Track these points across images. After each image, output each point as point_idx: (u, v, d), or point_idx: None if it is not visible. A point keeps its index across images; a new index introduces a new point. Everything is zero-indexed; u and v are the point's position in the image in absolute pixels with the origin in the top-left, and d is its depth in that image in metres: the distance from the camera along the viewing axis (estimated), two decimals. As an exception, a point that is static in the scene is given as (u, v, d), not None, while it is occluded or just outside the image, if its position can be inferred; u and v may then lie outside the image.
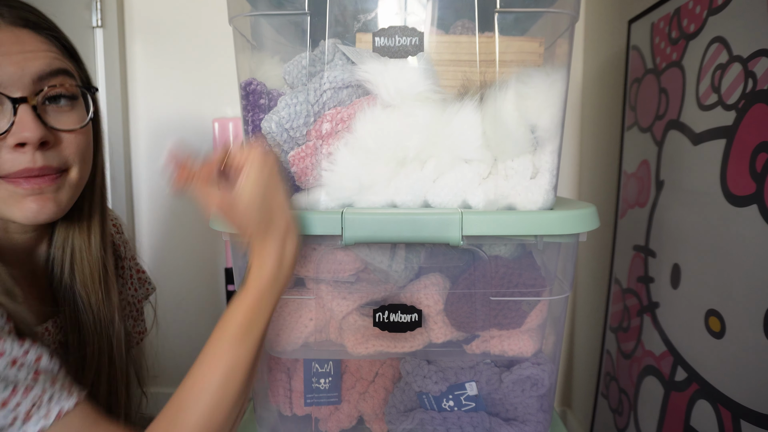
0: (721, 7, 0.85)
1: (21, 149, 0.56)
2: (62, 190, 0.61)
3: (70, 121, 0.61)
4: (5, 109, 0.56)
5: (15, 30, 0.57)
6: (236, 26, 0.67)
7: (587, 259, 1.56)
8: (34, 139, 0.56)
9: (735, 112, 0.80)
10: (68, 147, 0.61)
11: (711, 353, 0.85)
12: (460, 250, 0.66)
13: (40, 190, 0.58)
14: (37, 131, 0.56)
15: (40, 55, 0.58)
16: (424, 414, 0.70)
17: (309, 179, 0.65)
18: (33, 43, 0.58)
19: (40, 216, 0.59)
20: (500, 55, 0.63)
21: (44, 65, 0.58)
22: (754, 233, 0.75)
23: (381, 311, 0.67)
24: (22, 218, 0.58)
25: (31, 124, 0.56)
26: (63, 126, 0.60)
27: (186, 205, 1.72)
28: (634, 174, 1.20)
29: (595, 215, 0.63)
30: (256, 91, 0.65)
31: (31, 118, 0.56)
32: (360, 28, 0.65)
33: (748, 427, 0.75)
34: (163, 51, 1.65)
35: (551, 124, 0.63)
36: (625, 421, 1.20)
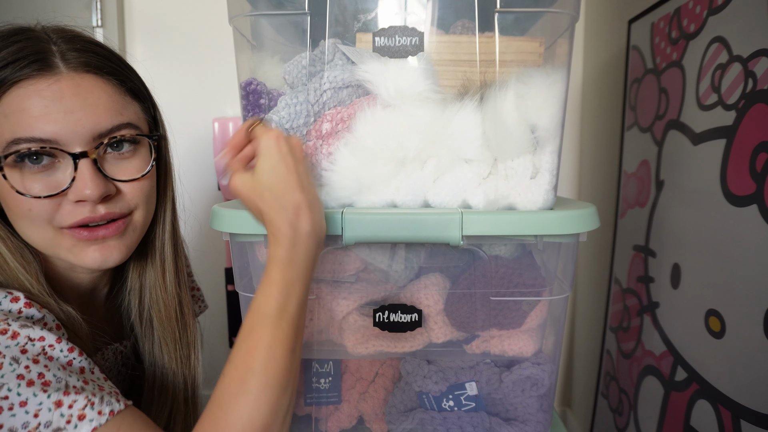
0: (721, 7, 0.85)
1: (81, 204, 0.56)
2: (126, 235, 0.61)
3: (132, 168, 0.60)
4: (65, 163, 0.56)
5: (76, 77, 0.56)
6: (236, 26, 0.67)
7: (587, 259, 1.56)
8: (95, 197, 0.56)
9: (735, 112, 0.80)
10: (131, 193, 0.60)
11: (711, 353, 0.85)
12: (460, 250, 0.66)
13: (103, 240, 0.58)
14: (98, 189, 0.56)
15: (101, 108, 0.57)
16: (424, 414, 0.70)
17: (309, 179, 0.65)
18: (94, 92, 0.56)
19: (106, 263, 0.59)
20: (500, 55, 0.63)
21: (105, 121, 0.57)
22: (754, 233, 0.75)
23: (381, 311, 0.67)
24: (89, 265, 0.59)
25: (92, 182, 0.55)
26: (125, 176, 0.59)
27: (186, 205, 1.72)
28: (634, 174, 1.20)
29: (595, 215, 0.63)
30: (256, 91, 0.65)
31: (91, 174, 0.55)
32: (360, 28, 0.65)
33: (748, 427, 0.75)
34: (163, 51, 1.65)
35: (551, 124, 0.63)
36: (625, 421, 1.20)
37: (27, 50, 0.55)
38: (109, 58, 0.60)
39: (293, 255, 0.55)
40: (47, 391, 0.47)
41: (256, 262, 0.69)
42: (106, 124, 0.57)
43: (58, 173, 0.56)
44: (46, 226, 0.56)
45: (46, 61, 0.55)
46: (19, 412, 0.45)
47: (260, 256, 0.69)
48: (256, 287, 0.55)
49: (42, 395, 0.46)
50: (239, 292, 0.69)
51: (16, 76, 0.53)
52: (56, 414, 0.46)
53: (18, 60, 0.54)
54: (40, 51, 0.55)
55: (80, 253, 0.58)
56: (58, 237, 0.57)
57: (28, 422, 0.45)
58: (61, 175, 0.56)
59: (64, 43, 0.57)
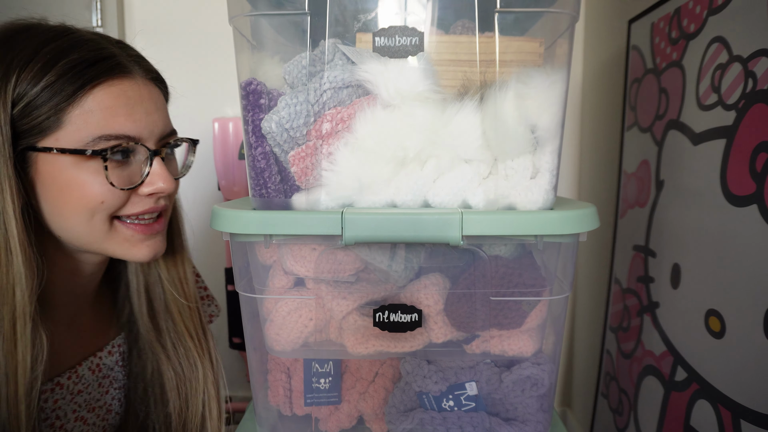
0: (721, 7, 0.85)
1: (152, 196, 0.62)
2: (165, 229, 0.68)
3: (175, 168, 0.69)
4: (138, 159, 0.61)
5: (148, 84, 0.63)
6: (236, 26, 0.67)
7: (587, 259, 1.56)
8: (170, 190, 0.63)
9: (735, 112, 0.80)
10: (174, 191, 0.68)
11: (711, 353, 0.85)
12: (460, 250, 0.66)
13: (154, 235, 0.64)
14: (171, 182, 0.63)
15: (165, 113, 0.65)
16: (424, 414, 0.70)
17: (309, 179, 0.65)
18: (159, 98, 0.64)
19: (156, 256, 0.65)
20: (500, 55, 0.63)
21: (168, 125, 0.65)
22: (754, 233, 0.75)
23: (381, 311, 0.67)
24: (140, 259, 0.64)
25: (167, 176, 0.62)
26: (175, 175, 0.67)
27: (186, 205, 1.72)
28: (634, 174, 1.20)
29: (595, 215, 0.63)
30: (256, 91, 0.65)
31: (164, 170, 0.62)
32: (360, 28, 0.65)
33: (748, 427, 0.75)
34: (163, 51, 1.65)
35: (551, 124, 0.63)
36: (625, 421, 1.20)
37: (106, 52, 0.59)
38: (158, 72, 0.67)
39: None
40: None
41: (256, 262, 0.69)
42: (168, 128, 0.65)
43: (132, 168, 0.61)
44: (107, 219, 0.60)
45: (126, 66, 0.60)
46: None
47: (260, 256, 0.69)
48: (256, 287, 0.56)
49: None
50: (239, 292, 0.69)
51: (103, 77, 0.58)
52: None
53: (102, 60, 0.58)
54: (116, 55, 0.60)
55: (132, 247, 0.63)
56: (114, 230, 0.61)
57: None
58: (134, 170, 0.61)
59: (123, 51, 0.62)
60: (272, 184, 0.66)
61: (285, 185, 0.67)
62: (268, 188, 0.66)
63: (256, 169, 0.65)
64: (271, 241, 0.65)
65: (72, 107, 0.56)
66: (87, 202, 0.58)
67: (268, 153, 0.66)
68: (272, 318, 0.69)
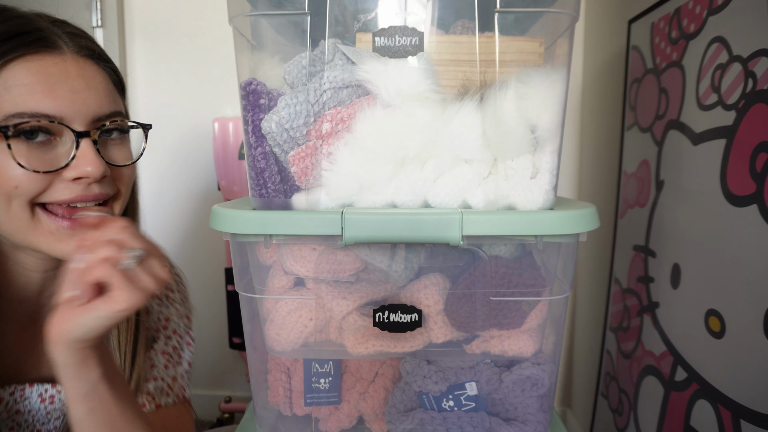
0: (721, 7, 0.85)
1: (78, 182, 0.56)
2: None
3: (123, 155, 0.62)
4: (64, 141, 0.56)
5: (80, 60, 0.57)
6: (236, 26, 0.67)
7: (587, 259, 1.56)
8: (97, 174, 0.56)
9: (735, 112, 0.80)
10: (119, 178, 0.62)
11: (711, 353, 0.85)
12: (460, 250, 0.66)
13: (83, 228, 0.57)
14: (100, 167, 0.56)
15: (102, 93, 0.58)
16: (424, 414, 0.70)
17: (309, 179, 0.65)
18: (96, 77, 0.58)
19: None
20: (500, 55, 0.63)
21: (105, 106, 0.58)
22: (754, 233, 0.75)
23: (381, 311, 0.67)
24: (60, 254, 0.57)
25: (95, 160, 0.56)
26: (118, 161, 0.61)
27: (186, 205, 1.72)
28: (634, 174, 1.20)
29: (595, 215, 0.63)
30: (256, 91, 0.65)
31: (93, 153, 0.56)
32: (360, 28, 0.65)
33: (748, 427, 0.75)
34: (163, 51, 1.65)
35: (551, 124, 0.63)
36: (625, 421, 1.20)
37: (29, 26, 0.55)
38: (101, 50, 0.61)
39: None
40: None
41: (256, 262, 0.69)
42: (105, 109, 0.58)
43: (56, 150, 0.56)
44: (26, 206, 0.55)
45: (51, 40, 0.55)
46: None
47: (260, 256, 0.69)
48: (256, 287, 0.55)
49: None
50: (239, 292, 0.69)
51: (20, 51, 0.53)
52: None
53: (22, 35, 0.54)
54: (41, 29, 0.55)
55: (58, 242, 0.57)
56: (37, 221, 0.56)
57: None
58: (59, 152, 0.56)
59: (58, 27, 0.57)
60: (272, 184, 0.66)
61: (285, 185, 0.67)
62: (268, 188, 0.66)
63: (256, 169, 0.65)
64: (271, 241, 0.65)
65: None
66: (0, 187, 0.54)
67: (268, 153, 0.66)
68: (272, 318, 0.69)
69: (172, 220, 1.73)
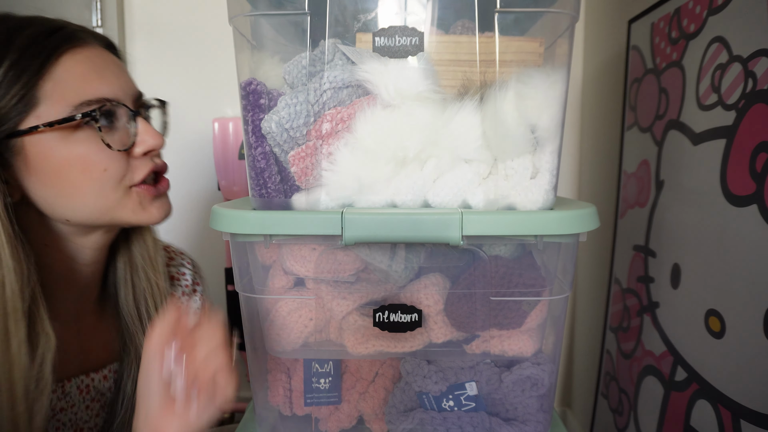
0: (721, 7, 0.85)
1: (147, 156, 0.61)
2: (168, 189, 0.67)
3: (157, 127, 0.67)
4: (122, 122, 0.60)
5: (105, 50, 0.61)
6: (236, 26, 0.67)
7: (587, 259, 1.56)
8: (161, 143, 0.62)
9: (735, 112, 0.80)
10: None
11: (711, 353, 0.85)
12: (460, 250, 0.66)
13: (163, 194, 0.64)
14: (161, 137, 0.62)
15: (129, 76, 0.64)
16: (424, 414, 0.70)
17: (309, 179, 0.65)
18: (118, 63, 0.63)
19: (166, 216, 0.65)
20: (500, 55, 0.63)
21: (136, 87, 0.64)
22: (754, 233, 0.75)
23: (381, 311, 0.67)
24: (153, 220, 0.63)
25: (154, 132, 0.62)
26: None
27: (186, 205, 1.72)
28: (634, 174, 1.20)
29: (595, 215, 0.63)
30: (256, 91, 0.65)
31: (151, 127, 0.62)
32: (360, 28, 0.65)
33: (748, 427, 0.75)
34: (163, 51, 1.65)
35: (551, 124, 0.63)
36: (625, 421, 1.20)
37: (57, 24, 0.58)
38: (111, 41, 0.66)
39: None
40: None
41: (256, 262, 0.69)
42: (137, 90, 0.63)
43: (120, 131, 0.59)
44: (118, 186, 0.59)
45: (79, 35, 0.58)
46: None
47: (260, 256, 0.69)
48: (256, 287, 0.55)
49: None
50: (239, 292, 0.69)
51: (65, 45, 0.56)
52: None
53: (58, 30, 0.57)
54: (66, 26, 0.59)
55: (143, 211, 0.62)
56: (126, 197, 0.60)
57: None
58: (123, 133, 0.60)
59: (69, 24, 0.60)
60: (272, 184, 0.66)
61: (285, 185, 0.67)
62: (268, 188, 0.66)
63: (256, 169, 0.65)
64: (271, 241, 0.65)
65: (43, 81, 0.54)
66: (91, 174, 0.57)
67: (268, 153, 0.66)
68: (272, 318, 0.69)
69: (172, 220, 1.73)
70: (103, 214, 0.60)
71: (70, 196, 0.57)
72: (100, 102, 0.57)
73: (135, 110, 0.60)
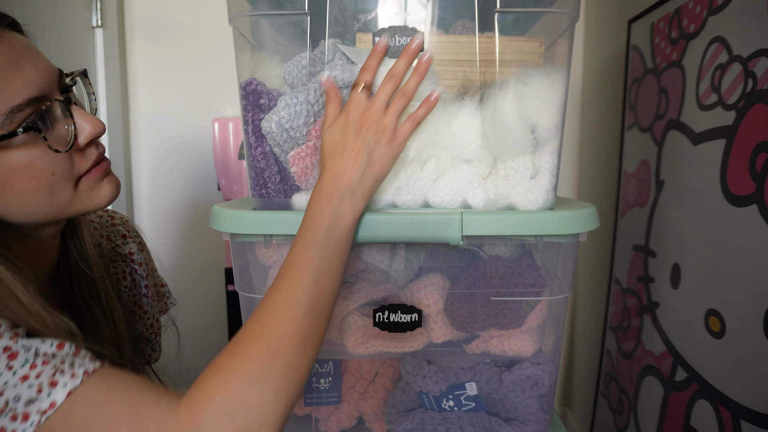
0: (721, 7, 0.85)
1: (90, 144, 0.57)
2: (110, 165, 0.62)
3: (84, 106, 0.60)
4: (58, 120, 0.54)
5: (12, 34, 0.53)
6: (236, 26, 0.67)
7: (587, 259, 1.56)
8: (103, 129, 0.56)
9: (735, 112, 0.80)
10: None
11: (711, 353, 0.85)
12: (460, 250, 0.66)
13: (108, 171, 0.59)
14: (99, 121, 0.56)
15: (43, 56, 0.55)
16: (424, 414, 0.70)
17: (309, 179, 0.65)
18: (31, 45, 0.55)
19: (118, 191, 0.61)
20: (500, 55, 0.63)
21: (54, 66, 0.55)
22: (754, 233, 0.75)
23: (381, 311, 0.67)
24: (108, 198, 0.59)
25: (93, 119, 0.56)
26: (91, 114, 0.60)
27: (186, 205, 1.72)
28: (634, 174, 1.20)
29: (595, 215, 0.63)
30: (256, 91, 0.65)
31: (87, 114, 0.56)
32: (360, 28, 0.65)
33: (748, 427, 0.75)
34: (163, 51, 1.65)
35: (551, 124, 0.63)
36: (625, 421, 1.20)
37: None
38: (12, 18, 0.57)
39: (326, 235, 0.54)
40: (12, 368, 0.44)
41: (256, 262, 0.69)
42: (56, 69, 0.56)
43: (58, 128, 0.54)
44: (68, 184, 0.56)
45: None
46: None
47: (260, 256, 0.69)
48: (256, 287, 0.55)
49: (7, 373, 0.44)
50: (239, 292, 0.69)
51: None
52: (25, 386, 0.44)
53: None
54: None
55: (97, 192, 0.58)
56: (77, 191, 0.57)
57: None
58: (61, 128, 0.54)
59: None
60: (272, 184, 0.66)
61: (285, 185, 0.67)
62: (268, 188, 0.66)
63: (256, 169, 0.65)
64: (271, 241, 0.65)
65: None
66: (39, 181, 0.53)
67: (268, 153, 0.66)
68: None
69: (172, 220, 1.73)
70: (58, 213, 0.57)
71: (23, 205, 0.54)
72: (30, 104, 0.51)
73: (66, 100, 0.54)
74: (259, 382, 0.47)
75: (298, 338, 0.50)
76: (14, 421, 0.43)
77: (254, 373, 0.47)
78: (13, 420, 0.43)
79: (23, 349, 0.46)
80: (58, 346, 0.47)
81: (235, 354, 0.48)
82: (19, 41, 0.53)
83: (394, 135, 0.59)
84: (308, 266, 0.53)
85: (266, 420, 0.46)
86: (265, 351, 0.48)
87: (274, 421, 0.47)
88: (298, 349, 0.50)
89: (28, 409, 0.43)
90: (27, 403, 0.44)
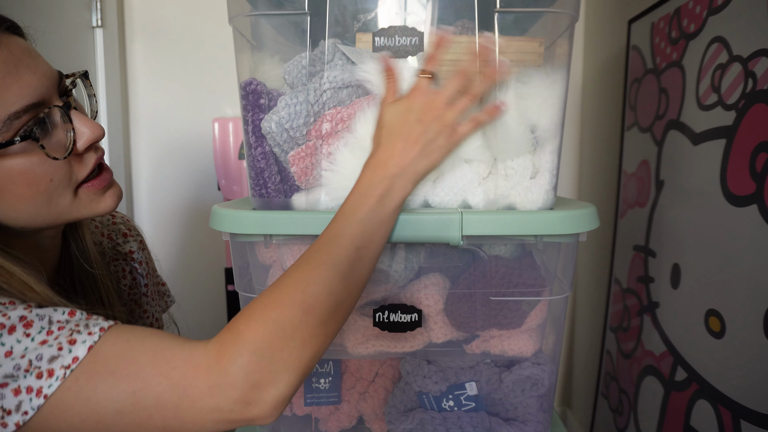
0: (721, 7, 0.85)
1: (90, 149, 0.56)
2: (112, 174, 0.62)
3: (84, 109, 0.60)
4: (57, 125, 0.54)
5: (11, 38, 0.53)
6: (236, 26, 0.67)
7: (587, 259, 1.56)
8: (101, 132, 0.56)
9: (735, 112, 0.80)
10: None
11: (711, 353, 0.85)
12: (460, 250, 0.66)
13: (111, 182, 0.60)
14: (98, 126, 0.56)
15: (44, 60, 0.55)
16: (424, 414, 0.70)
17: (309, 179, 0.65)
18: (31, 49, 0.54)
19: (119, 200, 0.61)
20: (500, 55, 0.63)
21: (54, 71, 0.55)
22: (754, 233, 0.75)
23: (381, 311, 0.67)
24: (110, 208, 0.60)
25: (92, 123, 0.56)
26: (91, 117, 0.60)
27: (186, 205, 1.72)
28: (634, 174, 1.20)
29: (595, 215, 0.63)
30: (256, 91, 0.65)
31: (86, 118, 0.56)
32: (360, 28, 0.65)
33: (748, 427, 0.75)
34: (163, 51, 1.65)
35: (551, 124, 0.63)
36: (625, 421, 1.20)
37: None
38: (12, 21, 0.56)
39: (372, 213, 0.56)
40: (30, 335, 0.46)
41: (256, 262, 0.69)
42: (56, 73, 0.56)
43: (57, 134, 0.54)
44: (66, 190, 0.56)
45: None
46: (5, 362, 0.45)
47: (260, 256, 0.69)
48: (256, 287, 0.55)
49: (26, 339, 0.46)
50: (239, 292, 0.69)
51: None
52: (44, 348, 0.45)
53: None
54: None
55: (99, 203, 0.59)
56: (76, 198, 0.57)
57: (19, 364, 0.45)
58: (60, 133, 0.54)
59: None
60: (272, 184, 0.66)
61: (285, 185, 0.67)
62: (268, 188, 0.66)
63: (256, 169, 0.65)
64: (271, 241, 0.65)
65: None
66: (38, 187, 0.53)
67: (268, 153, 0.66)
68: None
69: (172, 220, 1.73)
70: (56, 218, 0.57)
71: (22, 210, 0.54)
72: (29, 110, 0.51)
73: (65, 105, 0.54)
74: (290, 331, 0.48)
75: (332, 299, 0.51)
76: (40, 378, 0.45)
77: (286, 322, 0.49)
78: (39, 378, 0.45)
79: (38, 318, 0.47)
80: (69, 313, 0.49)
81: (269, 302, 0.50)
82: (18, 46, 0.53)
83: (453, 131, 0.59)
84: (353, 235, 0.54)
85: (291, 367, 0.48)
86: (299, 304, 0.50)
87: (298, 370, 0.49)
88: (330, 310, 0.51)
89: (51, 366, 0.45)
90: (50, 360, 0.45)
